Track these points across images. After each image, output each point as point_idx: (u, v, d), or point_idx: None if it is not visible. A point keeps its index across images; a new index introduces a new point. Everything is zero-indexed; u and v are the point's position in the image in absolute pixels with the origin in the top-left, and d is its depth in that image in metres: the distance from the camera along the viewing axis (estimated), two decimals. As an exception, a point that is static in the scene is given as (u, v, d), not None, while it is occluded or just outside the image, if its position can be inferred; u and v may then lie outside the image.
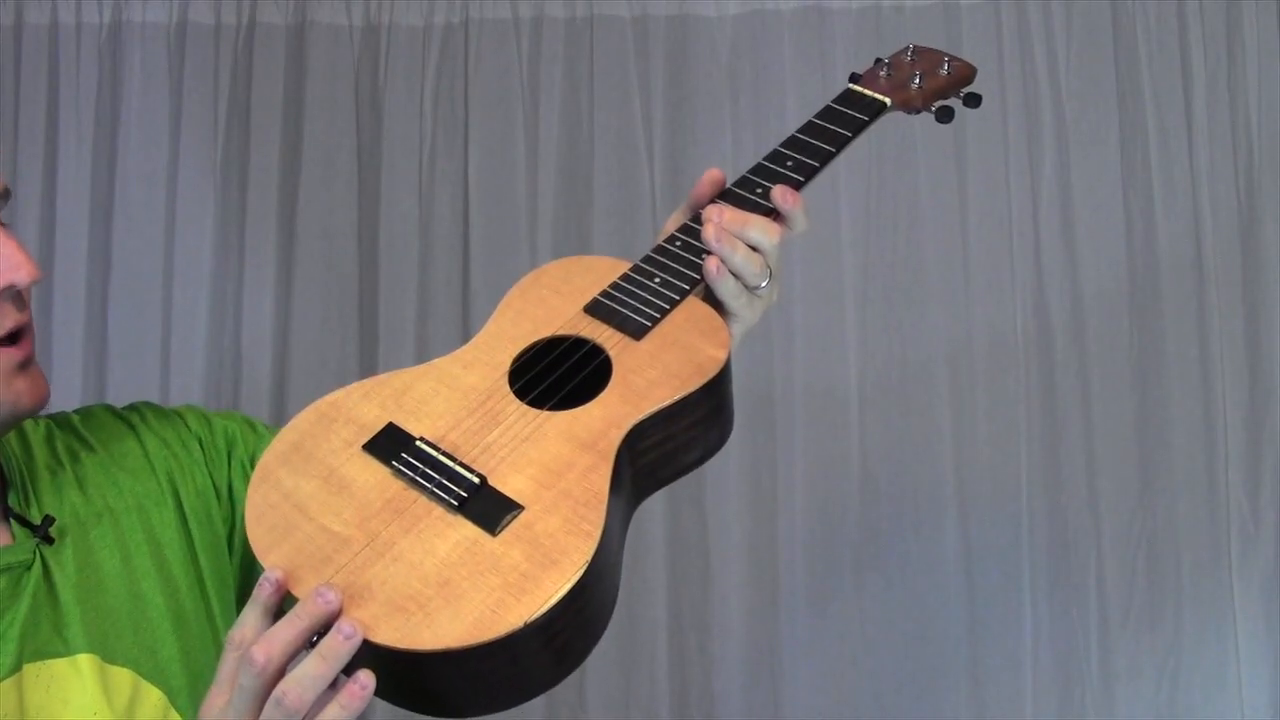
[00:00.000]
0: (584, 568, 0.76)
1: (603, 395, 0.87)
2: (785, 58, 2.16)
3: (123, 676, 0.90)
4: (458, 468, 0.84)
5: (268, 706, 0.74)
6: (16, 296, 0.88)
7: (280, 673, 0.75)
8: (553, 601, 0.75)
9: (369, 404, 0.90)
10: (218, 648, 0.97)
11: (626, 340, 0.91)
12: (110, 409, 1.04)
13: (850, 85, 1.09)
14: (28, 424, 0.99)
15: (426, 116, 2.17)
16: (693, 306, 0.93)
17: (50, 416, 1.02)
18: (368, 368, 2.14)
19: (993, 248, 2.12)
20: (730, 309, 0.95)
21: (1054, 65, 2.14)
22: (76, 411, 1.03)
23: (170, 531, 0.98)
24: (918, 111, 1.11)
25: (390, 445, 0.86)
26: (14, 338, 0.88)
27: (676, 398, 0.87)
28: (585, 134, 2.17)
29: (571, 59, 2.18)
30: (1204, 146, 2.11)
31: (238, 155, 2.17)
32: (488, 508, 0.81)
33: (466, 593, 0.77)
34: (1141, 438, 2.08)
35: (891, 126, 2.14)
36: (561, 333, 0.93)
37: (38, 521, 0.91)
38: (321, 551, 0.81)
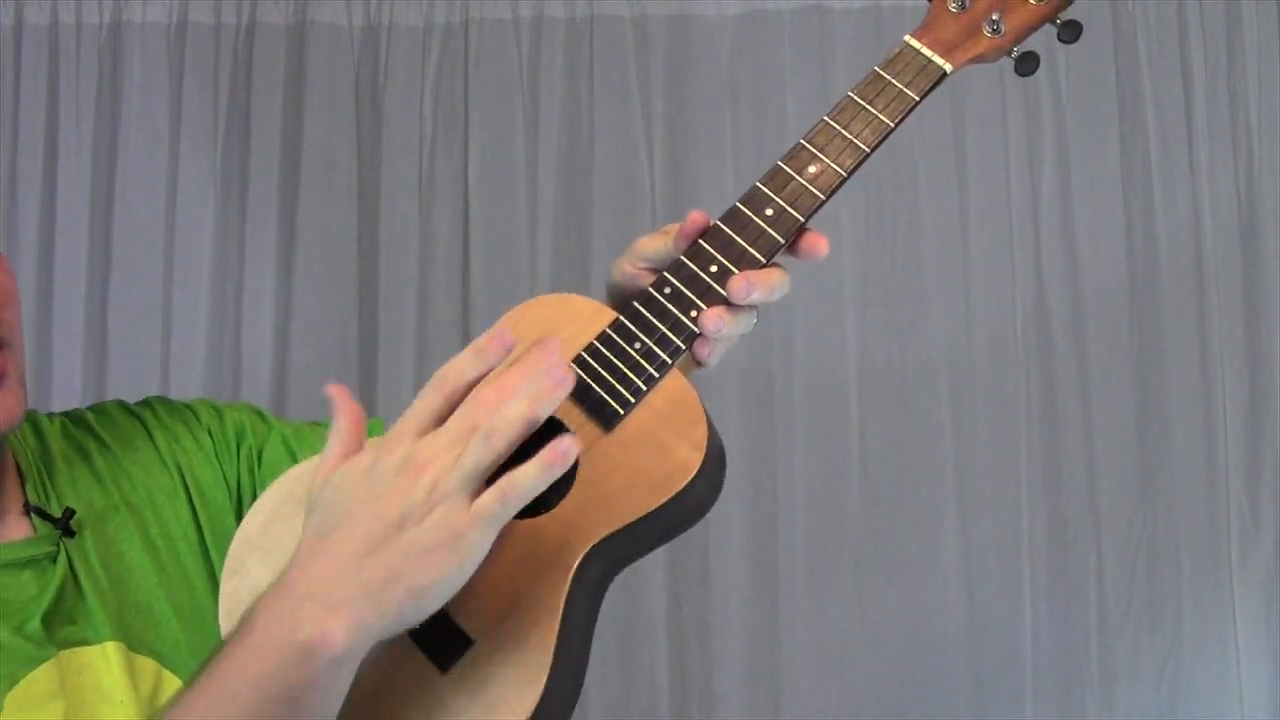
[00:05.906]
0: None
1: (565, 502, 0.76)
2: (785, 58, 2.16)
3: (146, 665, 0.91)
4: None
5: (474, 441, 0.69)
6: None
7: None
8: None
9: None
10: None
11: (596, 430, 0.78)
12: (123, 405, 1.05)
13: (906, 40, 0.88)
14: (42, 420, 1.00)
15: (426, 116, 2.17)
16: (671, 385, 0.80)
17: (65, 413, 1.03)
18: (368, 368, 2.14)
19: (993, 249, 2.12)
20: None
21: (1054, 65, 2.14)
22: (91, 408, 1.04)
23: (183, 525, 0.98)
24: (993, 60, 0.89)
25: None
26: None
27: (642, 513, 0.76)
28: (585, 134, 2.17)
29: (571, 59, 2.18)
30: (1204, 146, 2.11)
31: (238, 155, 2.17)
32: (442, 639, 0.73)
33: None
34: (1141, 438, 2.08)
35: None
36: None
37: (58, 515, 0.92)
38: None
